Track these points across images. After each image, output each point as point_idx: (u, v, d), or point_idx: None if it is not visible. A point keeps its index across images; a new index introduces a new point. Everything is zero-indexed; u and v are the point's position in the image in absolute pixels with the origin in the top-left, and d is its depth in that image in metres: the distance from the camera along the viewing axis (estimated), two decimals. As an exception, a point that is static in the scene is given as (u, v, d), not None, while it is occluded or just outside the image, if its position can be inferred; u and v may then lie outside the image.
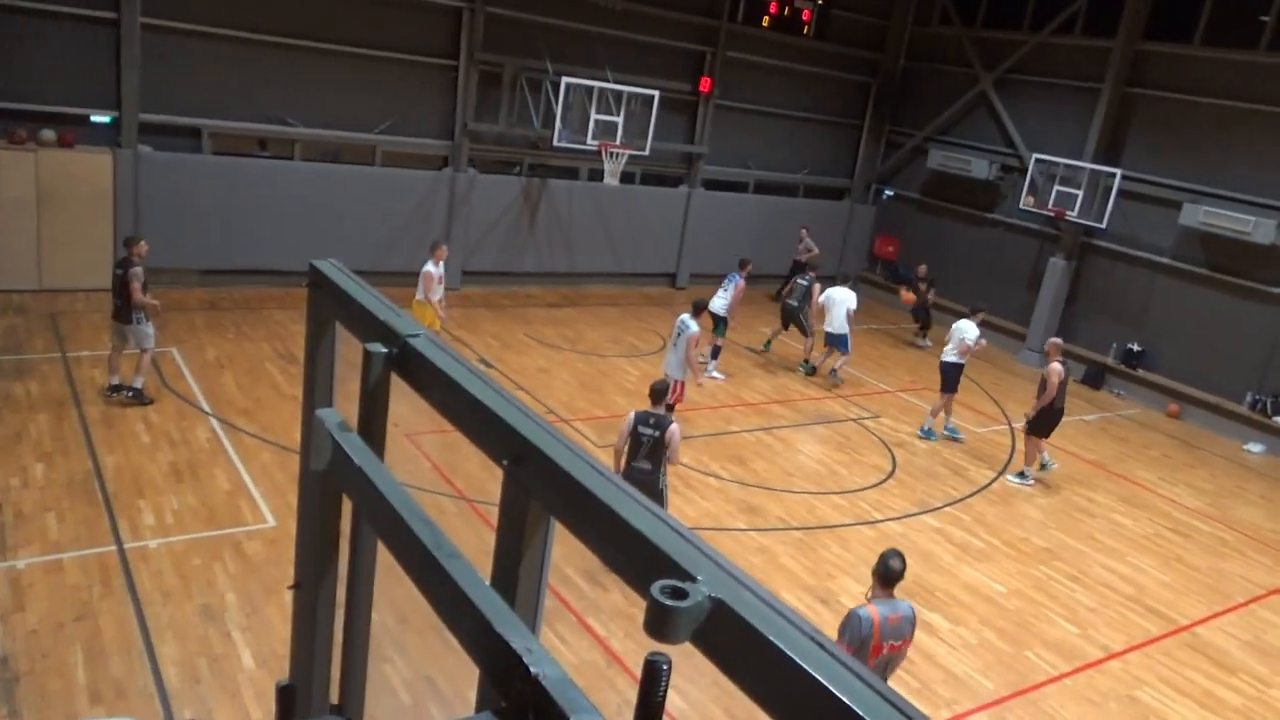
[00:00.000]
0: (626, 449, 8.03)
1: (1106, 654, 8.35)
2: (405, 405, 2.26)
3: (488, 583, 1.51)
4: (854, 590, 8.65)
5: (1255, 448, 15.17)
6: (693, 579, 1.21)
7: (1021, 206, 17.97)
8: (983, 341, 13.43)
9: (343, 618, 2.01)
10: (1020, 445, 13.27)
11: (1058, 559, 10.04)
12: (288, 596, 2.17)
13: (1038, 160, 17.67)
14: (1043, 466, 12.15)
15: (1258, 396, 15.39)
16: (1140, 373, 16.89)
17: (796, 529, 9.63)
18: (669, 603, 1.15)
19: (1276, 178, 15.20)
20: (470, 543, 8.07)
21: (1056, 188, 17.23)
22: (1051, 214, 17.34)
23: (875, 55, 20.96)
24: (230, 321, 13.24)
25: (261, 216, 14.45)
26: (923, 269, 18.66)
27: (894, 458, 12.09)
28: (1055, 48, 18.25)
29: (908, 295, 18.35)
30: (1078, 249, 17.82)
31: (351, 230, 15.11)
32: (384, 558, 1.78)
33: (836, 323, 14.26)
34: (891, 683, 7.09)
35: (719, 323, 14.16)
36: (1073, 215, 16.99)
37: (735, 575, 1.26)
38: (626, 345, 14.98)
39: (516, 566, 1.58)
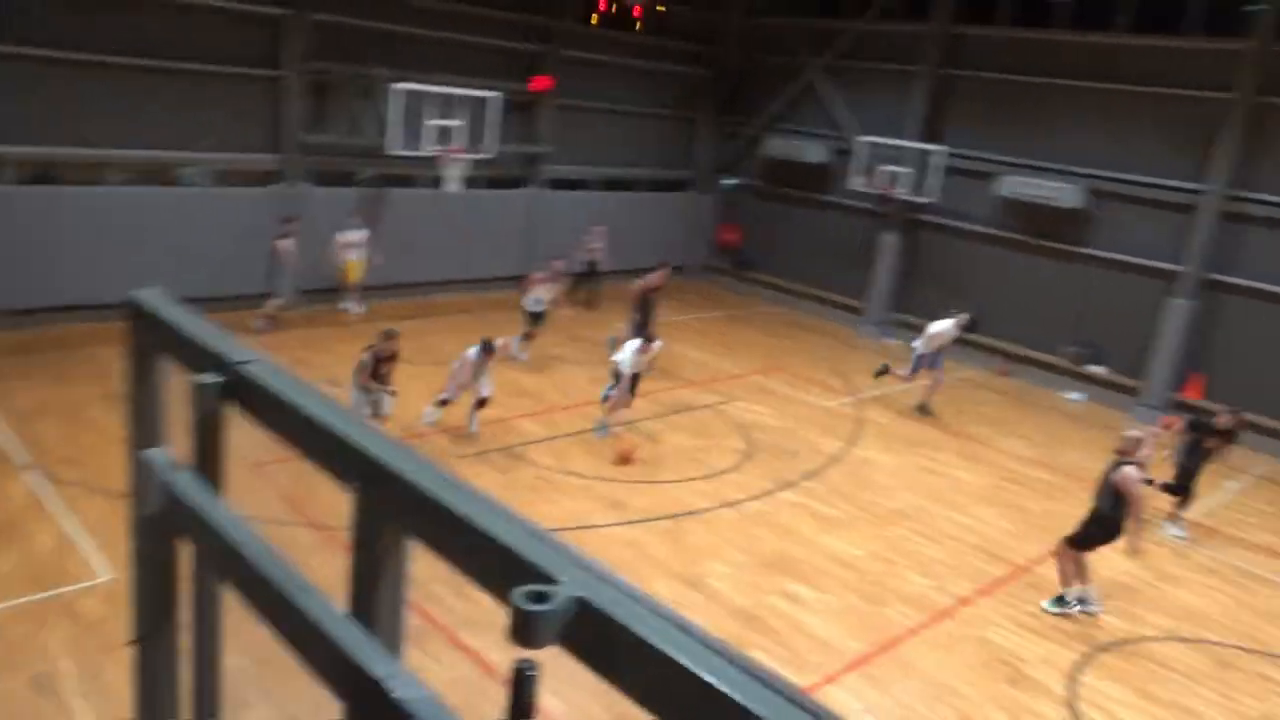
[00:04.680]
0: None
1: (958, 601, 8.89)
2: (249, 436, 2.16)
3: (346, 611, 1.46)
4: (721, 571, 8.86)
5: (1075, 396, 16.48)
6: (555, 581, 1.22)
7: (853, 187, 18.81)
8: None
9: (192, 669, 1.90)
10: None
11: (908, 518, 10.59)
12: (130, 654, 2.04)
13: (866, 142, 18.52)
14: (1081, 602, 8.89)
15: (1074, 349, 16.71)
16: (971, 336, 17.99)
17: (662, 518, 9.77)
18: (531, 608, 1.15)
19: (1079, 147, 16.53)
20: (330, 571, 7.77)
21: (885, 167, 18.13)
22: (882, 192, 18.24)
23: (708, 48, 21.45)
24: (47, 364, 12.24)
25: (76, 248, 13.41)
26: (1227, 419, 11.49)
27: (750, 439, 12.44)
28: (876, 34, 19.19)
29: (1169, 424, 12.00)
30: (908, 224, 18.81)
31: (177, 256, 14.23)
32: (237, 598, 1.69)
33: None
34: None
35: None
36: (902, 192, 17.93)
37: (597, 572, 1.27)
38: (481, 351, 14.76)
39: (374, 591, 1.54)
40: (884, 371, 14.50)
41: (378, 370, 10.48)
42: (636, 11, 20.09)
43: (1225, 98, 14.89)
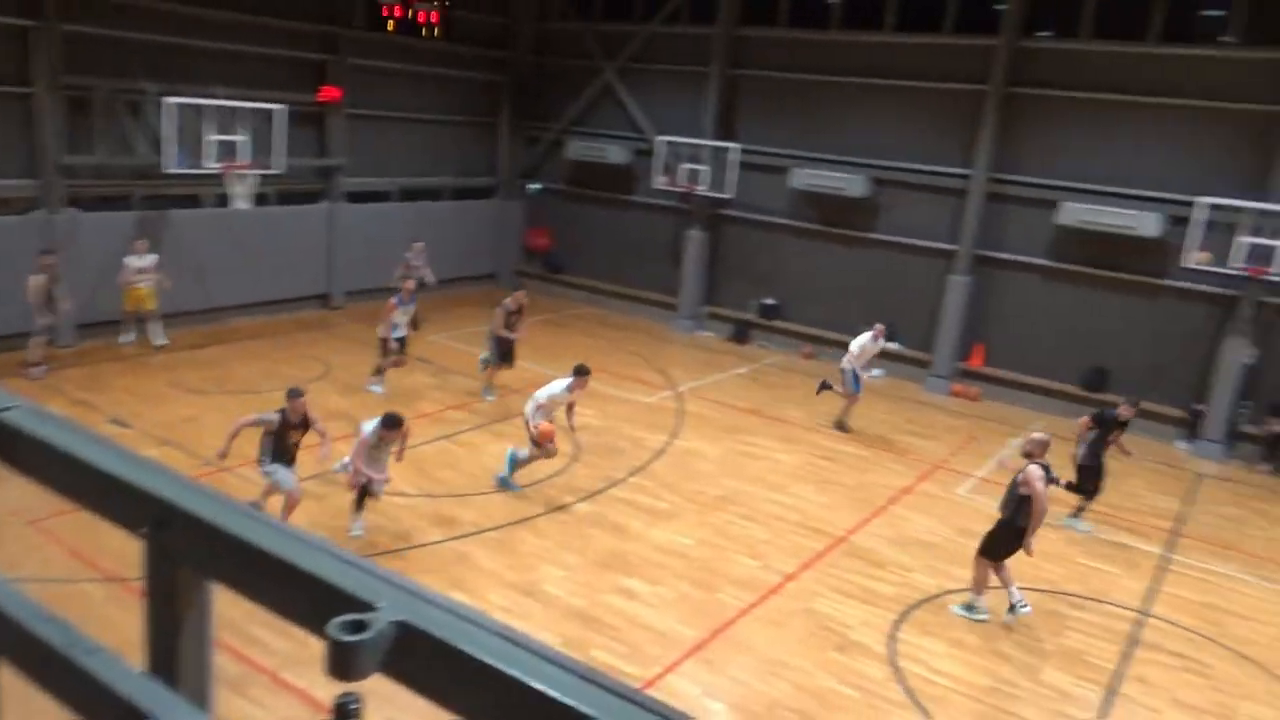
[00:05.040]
0: None
1: (784, 577, 9.29)
2: (20, 489, 1.95)
3: (144, 668, 1.35)
4: (556, 576, 8.85)
5: (875, 373, 17.53)
6: (373, 608, 1.17)
7: (656, 186, 19.23)
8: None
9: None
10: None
11: (732, 503, 10.95)
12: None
13: (665, 142, 18.97)
14: (1012, 608, 8.72)
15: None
16: (778, 323, 18.88)
17: (491, 529, 9.65)
18: (348, 639, 1.10)
19: (861, 139, 17.61)
20: (131, 625, 7.16)
21: (686, 165, 18.65)
22: (684, 190, 18.75)
23: (503, 53, 21.33)
24: None
25: None
26: (1126, 410, 11.39)
27: (576, 441, 12.48)
28: (666, 36, 19.70)
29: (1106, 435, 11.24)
30: (712, 220, 19.44)
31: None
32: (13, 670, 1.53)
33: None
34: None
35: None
36: (702, 189, 18.51)
37: (418, 593, 1.23)
38: (284, 377, 14.00)
39: (175, 642, 1.43)
40: (825, 387, 14.20)
41: (284, 440, 8.79)
42: (430, 17, 19.70)
43: (981, 90, 16.30)
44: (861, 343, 14.05)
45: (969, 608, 8.89)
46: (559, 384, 10.73)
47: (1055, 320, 16.34)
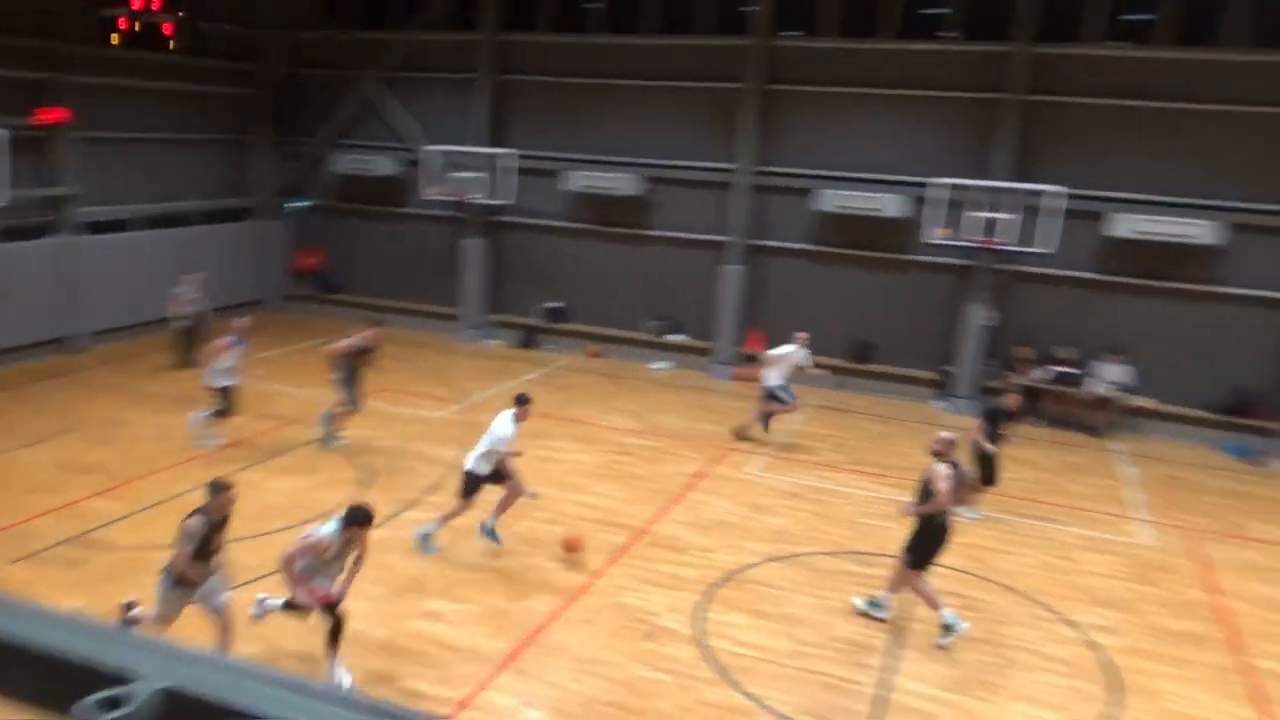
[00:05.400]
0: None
1: (591, 576, 9.38)
2: None
3: None
4: (357, 609, 8.46)
5: (661, 365, 18.08)
6: (131, 680, 1.07)
7: (427, 196, 18.82)
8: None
9: None
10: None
11: (536, 509, 10.88)
12: None
13: (434, 151, 18.59)
14: (947, 629, 8.44)
15: (653, 323, 18.31)
16: (565, 326, 19.02)
17: (279, 573, 9.09)
18: (106, 717, 1.01)
19: (631, 139, 18.08)
20: None
21: (458, 174, 18.36)
22: (457, 199, 18.47)
23: (254, 66, 20.12)
24: None
25: None
26: (1013, 399, 12.15)
27: (363, 466, 12.02)
28: (430, 44, 19.31)
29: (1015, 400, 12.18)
30: (489, 227, 19.26)
31: None
32: None
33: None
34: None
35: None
36: (477, 197, 18.30)
37: (183, 656, 1.14)
38: (23, 434, 12.57)
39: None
40: (767, 417, 13.83)
41: (210, 544, 7.15)
42: (168, 29, 18.28)
43: (738, 88, 17.14)
44: (781, 351, 13.83)
45: (947, 628, 8.45)
46: (502, 422, 9.55)
47: (822, 300, 17.47)
